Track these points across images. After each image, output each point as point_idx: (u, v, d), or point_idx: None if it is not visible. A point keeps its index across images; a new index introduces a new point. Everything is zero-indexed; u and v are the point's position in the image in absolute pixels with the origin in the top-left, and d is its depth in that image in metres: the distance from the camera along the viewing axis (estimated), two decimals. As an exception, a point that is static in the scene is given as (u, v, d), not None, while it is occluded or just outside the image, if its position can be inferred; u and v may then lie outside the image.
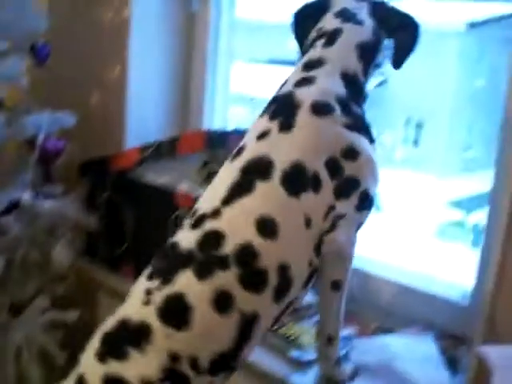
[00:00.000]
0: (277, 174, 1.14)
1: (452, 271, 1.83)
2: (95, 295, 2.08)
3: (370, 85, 1.35)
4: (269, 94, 1.34)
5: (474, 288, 1.61)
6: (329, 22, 1.34)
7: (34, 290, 1.97)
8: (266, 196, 1.13)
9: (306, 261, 1.17)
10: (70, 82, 2.37)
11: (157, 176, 1.83)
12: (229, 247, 1.09)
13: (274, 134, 1.18)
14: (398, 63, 1.38)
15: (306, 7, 1.44)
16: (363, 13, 1.35)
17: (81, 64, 2.35)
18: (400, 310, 1.73)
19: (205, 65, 2.30)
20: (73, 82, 2.37)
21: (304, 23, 1.41)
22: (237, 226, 1.12)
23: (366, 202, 1.23)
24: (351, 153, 1.19)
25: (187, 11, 2.31)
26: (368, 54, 1.32)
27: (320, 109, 1.19)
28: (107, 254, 2.01)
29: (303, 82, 1.24)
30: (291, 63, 1.41)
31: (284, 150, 1.16)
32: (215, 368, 1.08)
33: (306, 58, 1.31)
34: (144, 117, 2.23)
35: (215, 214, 1.13)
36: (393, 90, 5.00)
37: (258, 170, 1.15)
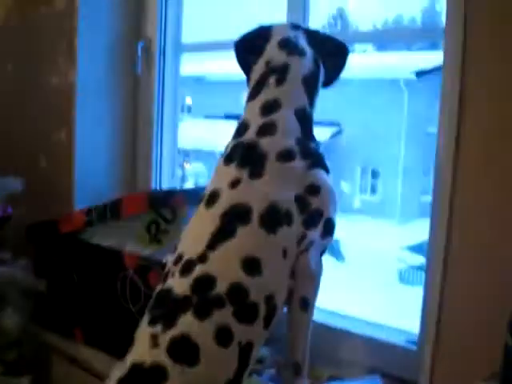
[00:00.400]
0: (255, 217, 1.23)
1: (409, 316, 1.85)
2: (48, 360, 2.06)
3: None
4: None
5: (419, 332, 1.64)
6: (275, 54, 1.42)
7: (-15, 357, 1.95)
8: (248, 238, 1.23)
9: (286, 286, 1.29)
10: (17, 146, 2.39)
11: (104, 238, 1.84)
12: (221, 288, 1.17)
13: (246, 181, 1.27)
14: (328, 84, 1.51)
15: (246, 37, 1.53)
16: (303, 42, 1.44)
17: (28, 128, 2.38)
18: (352, 358, 1.75)
19: (151, 125, 2.34)
20: (20, 146, 2.39)
21: (247, 52, 1.50)
22: (224, 268, 1.20)
23: (329, 229, 1.36)
24: (313, 188, 1.32)
25: (132, 74, 2.36)
26: (312, 85, 1.42)
27: (284, 156, 1.30)
28: (57, 317, 2.00)
29: (265, 129, 1.33)
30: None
31: (258, 195, 1.26)
32: None
33: (263, 99, 1.37)
34: (92, 179, 2.25)
35: (202, 258, 1.21)
36: (347, 140, 5.10)
37: (237, 215, 1.24)
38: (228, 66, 1.73)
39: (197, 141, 5.56)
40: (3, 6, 2.49)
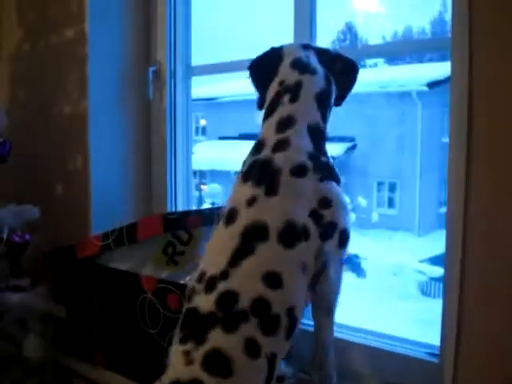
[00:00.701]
0: (273, 234, 1.28)
1: (431, 328, 1.84)
2: (69, 384, 2.07)
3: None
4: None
5: (440, 345, 1.63)
6: (288, 75, 1.47)
7: (9, 383, 1.96)
8: (267, 254, 1.28)
9: (304, 299, 1.33)
10: (33, 174, 2.42)
11: (121, 261, 1.85)
12: (244, 302, 1.22)
13: (262, 199, 1.32)
14: (339, 101, 1.56)
15: (259, 59, 1.58)
16: (314, 61, 1.50)
17: (43, 156, 2.41)
18: (373, 372, 1.75)
19: (164, 149, 2.37)
20: (36, 174, 2.42)
21: (260, 75, 1.56)
22: (246, 283, 1.25)
23: (344, 239, 1.41)
24: (326, 202, 1.36)
25: (143, 99, 2.39)
26: (325, 101, 1.47)
27: (297, 171, 1.35)
28: (78, 342, 2.02)
29: (279, 145, 1.38)
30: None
31: (274, 212, 1.31)
32: None
33: (278, 117, 1.43)
34: (108, 204, 2.27)
35: (224, 275, 1.26)
36: (362, 155, 5.10)
37: (255, 233, 1.28)
38: (240, 86, 1.76)
39: (212, 162, 5.58)
40: (15, 34, 2.53)
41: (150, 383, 1.76)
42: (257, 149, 1.42)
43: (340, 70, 1.53)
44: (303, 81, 1.45)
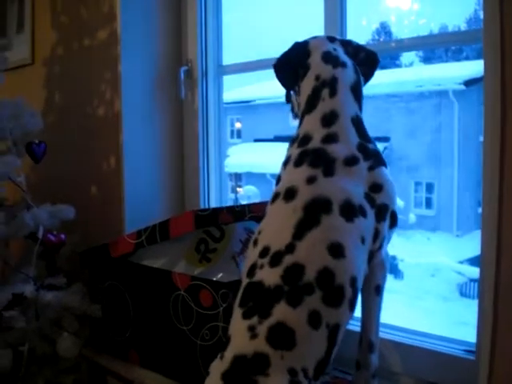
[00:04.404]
0: (336, 207, 1.32)
1: (469, 329, 1.81)
2: (103, 383, 2.08)
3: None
4: (278, 169, 1.50)
5: (476, 342, 1.61)
6: (323, 69, 1.50)
7: (44, 382, 1.98)
8: (331, 226, 1.31)
9: (364, 271, 1.37)
10: (68, 175, 2.45)
11: (154, 259, 1.86)
12: (310, 275, 1.25)
13: (321, 178, 1.36)
14: None
15: (285, 56, 1.60)
16: (341, 53, 1.53)
17: (77, 157, 2.44)
18: (409, 370, 1.75)
19: (197, 148, 2.39)
20: (71, 175, 2.45)
21: (288, 71, 1.58)
22: (312, 255, 1.28)
23: (394, 220, 1.46)
24: (377, 187, 1.40)
25: (176, 99, 2.41)
26: (358, 92, 1.51)
27: (350, 161, 1.39)
28: (113, 340, 2.03)
29: (329, 138, 1.42)
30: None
31: (335, 188, 1.35)
32: (317, 374, 1.25)
33: (321, 112, 1.46)
34: (141, 204, 2.29)
35: (290, 249, 1.29)
36: (398, 155, 5.05)
37: (319, 206, 1.32)
38: (275, 89, 1.77)
39: (248, 164, 5.59)
40: (49, 38, 2.57)
41: (183, 380, 1.78)
42: (303, 142, 1.44)
43: (363, 60, 1.56)
44: (338, 74, 1.48)
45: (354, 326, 1.56)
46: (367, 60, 1.57)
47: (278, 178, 1.46)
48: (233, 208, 1.82)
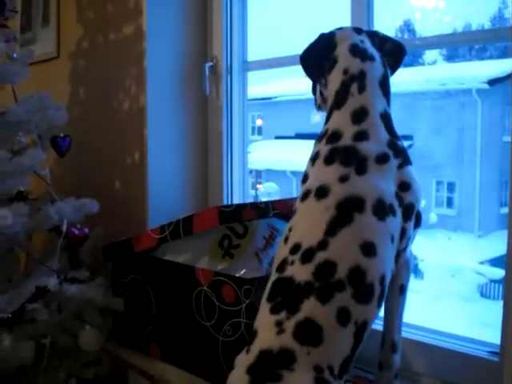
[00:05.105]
0: (368, 206, 1.32)
1: (489, 330, 1.80)
2: (125, 376, 2.09)
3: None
4: (298, 166, 1.50)
5: (500, 343, 1.59)
6: (350, 62, 1.48)
7: (66, 375, 2.00)
8: (364, 224, 1.31)
9: (391, 270, 1.37)
10: (93, 169, 2.46)
11: (177, 254, 1.86)
12: (341, 272, 1.26)
13: (354, 177, 1.36)
14: None
15: (311, 48, 1.59)
16: (368, 45, 1.51)
17: (102, 152, 2.46)
18: (432, 370, 1.74)
19: (221, 144, 2.39)
20: (95, 169, 2.46)
21: (315, 63, 1.57)
22: (345, 252, 1.29)
23: (419, 219, 1.46)
24: (405, 186, 1.40)
25: (200, 95, 2.41)
26: (386, 87, 1.49)
27: (381, 159, 1.38)
28: (134, 334, 2.04)
29: (360, 136, 1.40)
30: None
31: (368, 187, 1.35)
32: (342, 371, 1.25)
33: (351, 108, 1.44)
34: (164, 199, 2.30)
35: (322, 245, 1.29)
36: (421, 153, 5.02)
37: (353, 204, 1.33)
38: (296, 86, 1.76)
39: (268, 161, 5.58)
40: (74, 32, 2.58)
41: (204, 375, 1.78)
42: (332, 138, 1.43)
43: (390, 51, 1.54)
44: (366, 69, 1.46)
45: (377, 325, 1.55)
46: (394, 51, 1.56)
47: (306, 175, 1.45)
48: (256, 204, 1.82)
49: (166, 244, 1.87)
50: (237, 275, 1.71)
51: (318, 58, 1.55)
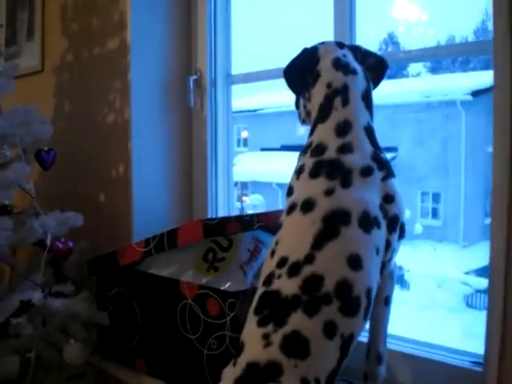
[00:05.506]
0: (354, 219, 1.33)
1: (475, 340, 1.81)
2: (111, 391, 2.09)
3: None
4: (284, 178, 1.52)
5: (484, 353, 1.60)
6: (334, 76, 1.50)
7: (51, 389, 1.99)
8: (350, 237, 1.33)
9: (377, 282, 1.38)
10: (77, 182, 2.46)
11: (162, 267, 1.86)
12: (328, 285, 1.26)
13: (339, 190, 1.37)
14: None
15: (294, 63, 1.60)
16: (351, 59, 1.53)
17: (86, 165, 2.45)
18: (416, 380, 1.75)
19: (205, 157, 2.39)
20: (79, 182, 2.46)
21: (298, 77, 1.59)
22: (332, 266, 1.29)
23: (403, 231, 1.47)
24: (389, 198, 1.41)
25: (185, 108, 2.41)
26: (369, 100, 1.51)
27: (365, 172, 1.40)
28: (120, 348, 2.03)
29: (344, 149, 1.42)
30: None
31: (354, 200, 1.36)
32: None
33: (334, 121, 1.45)
34: (149, 212, 2.29)
35: (309, 259, 1.30)
36: (406, 165, 5.05)
37: (339, 218, 1.33)
38: (281, 98, 1.78)
39: (254, 173, 5.59)
40: (59, 46, 2.58)
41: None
42: (317, 151, 1.44)
43: (372, 65, 1.56)
44: (349, 82, 1.48)
45: (362, 336, 1.56)
46: (376, 65, 1.57)
47: (290, 188, 1.46)
48: (241, 217, 1.83)
49: (150, 257, 1.87)
50: (221, 288, 1.71)
51: (301, 72, 1.57)
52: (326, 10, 1.99)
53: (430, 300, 4.68)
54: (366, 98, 1.49)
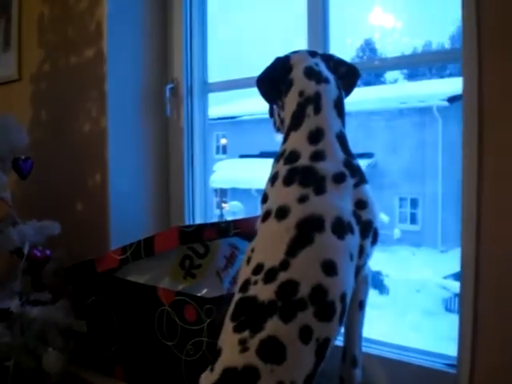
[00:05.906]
0: (328, 226, 1.35)
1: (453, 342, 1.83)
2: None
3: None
4: (263, 184, 1.51)
5: (457, 355, 1.63)
6: (306, 85, 1.52)
7: (29, 397, 1.98)
8: (324, 244, 1.34)
9: (351, 287, 1.39)
10: (54, 190, 2.46)
11: (139, 275, 1.87)
12: (304, 291, 1.27)
13: (313, 197, 1.38)
14: None
15: (267, 72, 1.62)
16: (323, 68, 1.55)
17: (63, 173, 2.46)
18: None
19: (182, 165, 2.41)
20: (56, 191, 2.46)
21: (271, 86, 1.61)
22: (306, 272, 1.31)
23: (376, 236, 1.49)
24: (361, 204, 1.43)
25: (161, 116, 2.43)
26: (341, 108, 1.53)
27: (338, 178, 1.42)
28: (98, 356, 2.04)
29: (317, 156, 1.43)
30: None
31: (327, 206, 1.38)
32: None
33: (307, 129, 1.47)
34: (127, 218, 2.31)
35: (284, 266, 1.31)
36: (383, 171, 5.08)
37: (313, 224, 1.35)
38: (260, 105, 1.80)
39: (233, 180, 5.59)
40: (35, 55, 2.59)
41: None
42: (290, 159, 1.46)
43: (344, 74, 1.59)
44: (321, 91, 1.50)
45: (338, 340, 1.58)
46: (348, 74, 1.60)
47: (265, 195, 1.47)
48: (217, 224, 1.84)
49: (127, 265, 1.88)
50: (198, 295, 1.73)
51: (273, 81, 1.59)
52: (302, 19, 2.01)
53: (410, 304, 4.68)
54: (338, 106, 1.52)
